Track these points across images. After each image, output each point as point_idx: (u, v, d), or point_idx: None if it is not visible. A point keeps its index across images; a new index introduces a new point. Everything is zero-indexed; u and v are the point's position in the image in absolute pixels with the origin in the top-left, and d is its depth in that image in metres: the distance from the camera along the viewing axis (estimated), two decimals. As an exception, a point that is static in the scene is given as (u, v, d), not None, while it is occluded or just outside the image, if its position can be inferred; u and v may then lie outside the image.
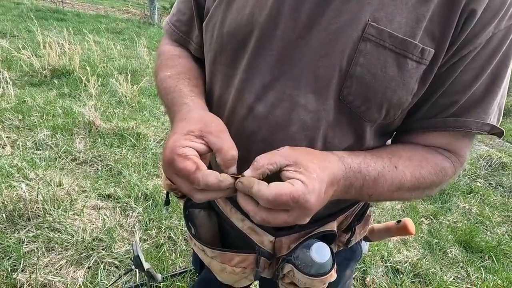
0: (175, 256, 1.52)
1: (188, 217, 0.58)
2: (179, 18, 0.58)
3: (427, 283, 1.69)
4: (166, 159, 0.38)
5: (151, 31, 7.57)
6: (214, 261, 0.53)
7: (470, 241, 2.12)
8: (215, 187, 0.37)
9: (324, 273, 0.47)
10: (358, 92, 0.41)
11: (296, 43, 0.42)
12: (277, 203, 0.34)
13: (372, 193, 0.44)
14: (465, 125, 0.43)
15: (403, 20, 0.39)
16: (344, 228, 0.56)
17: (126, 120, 2.69)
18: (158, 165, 2.21)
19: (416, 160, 0.45)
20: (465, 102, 0.43)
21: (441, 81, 0.42)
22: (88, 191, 1.77)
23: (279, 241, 0.52)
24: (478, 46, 0.40)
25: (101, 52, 4.62)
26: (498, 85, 0.43)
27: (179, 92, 0.48)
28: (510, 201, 2.94)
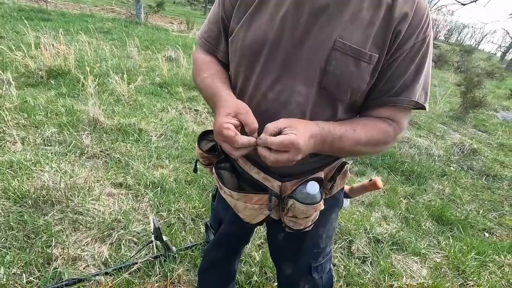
0: (185, 233, 1.72)
1: (219, 175, 0.80)
2: (210, 35, 0.80)
3: (403, 249, 1.96)
4: (217, 131, 0.61)
5: (138, 31, 7.61)
6: (239, 202, 0.75)
7: (442, 216, 2.42)
8: (245, 144, 0.60)
9: (316, 202, 0.70)
10: (332, 82, 0.64)
11: (293, 52, 0.65)
12: (282, 145, 0.57)
13: (339, 147, 0.66)
14: (399, 101, 0.68)
15: (358, 37, 0.63)
16: (329, 179, 0.79)
17: (127, 117, 2.84)
18: (161, 157, 2.39)
19: (368, 126, 0.69)
20: (399, 87, 0.67)
21: (383, 74, 0.67)
22: (102, 180, 1.94)
23: (284, 185, 0.75)
24: (405, 51, 0.64)
25: (93, 52, 4.71)
26: (419, 75, 0.67)
27: (216, 88, 0.71)
28: (479, 183, 3.28)
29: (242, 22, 0.69)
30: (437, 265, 1.85)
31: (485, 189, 3.19)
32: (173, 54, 5.38)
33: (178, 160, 2.41)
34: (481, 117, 5.77)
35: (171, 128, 2.88)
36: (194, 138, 2.81)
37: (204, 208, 1.89)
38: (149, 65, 4.78)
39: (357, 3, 0.62)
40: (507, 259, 2.01)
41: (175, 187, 2.03)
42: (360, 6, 0.62)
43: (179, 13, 14.70)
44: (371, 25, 0.62)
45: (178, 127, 2.93)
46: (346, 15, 0.62)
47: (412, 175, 3.06)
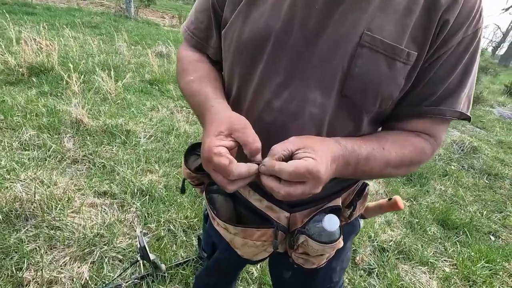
0: (176, 247, 1.58)
1: (210, 201, 0.65)
2: (198, 26, 0.64)
3: (410, 258, 1.84)
4: (205, 157, 0.46)
5: (128, 25, 7.35)
6: (236, 237, 0.60)
7: (447, 219, 2.31)
8: (244, 175, 0.44)
9: (334, 240, 0.55)
10: (357, 88, 0.50)
11: (305, 50, 0.50)
12: (296, 174, 0.42)
13: (365, 169, 0.52)
14: (441, 113, 0.53)
15: (392, 29, 0.47)
16: (347, 204, 0.65)
17: (114, 117, 2.66)
18: (150, 161, 2.23)
19: (400, 142, 0.54)
20: (441, 93, 0.52)
21: (422, 76, 0.52)
22: (83, 189, 1.77)
23: (294, 216, 0.60)
24: (451, 48, 0.49)
25: (79, 47, 4.48)
26: (467, 79, 0.52)
27: (205, 95, 0.55)
28: (480, 182, 3.19)
29: (238, 10, 0.54)
30: (447, 276, 1.74)
31: (487, 188, 3.11)
32: (164, 49, 5.17)
33: (169, 164, 2.24)
34: (478, 113, 5.72)
35: (162, 129, 2.71)
36: (186, 139, 2.65)
37: (196, 218, 1.74)
38: (139, 61, 4.57)
39: None
40: (517, 266, 1.92)
41: (165, 195, 1.88)
42: None
43: (171, 7, 14.35)
44: (409, 13, 0.47)
45: (169, 128, 2.76)
46: (374, 1, 0.47)
47: (414, 175, 2.95)
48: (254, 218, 0.61)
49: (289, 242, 0.60)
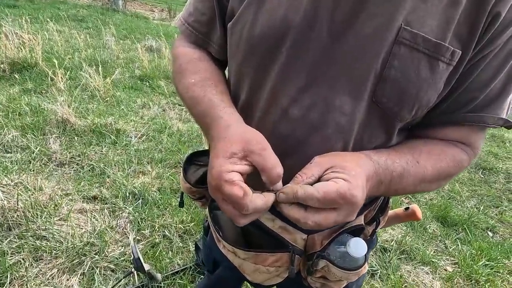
0: (172, 254, 1.50)
1: (214, 219, 0.57)
2: (198, 19, 0.54)
3: (412, 258, 1.81)
4: (214, 184, 0.39)
5: (116, 18, 7.12)
6: (246, 262, 0.52)
7: (446, 216, 2.29)
8: (260, 209, 0.38)
9: (359, 266, 0.48)
10: (392, 94, 0.42)
11: (331, 46, 0.42)
12: (326, 201, 0.35)
13: (398, 188, 0.45)
14: (482, 120, 0.46)
15: (434, 23, 0.40)
16: (368, 221, 0.58)
17: (102, 115, 2.54)
18: (142, 162, 2.13)
19: (435, 154, 0.47)
20: (483, 98, 0.45)
21: (463, 79, 0.44)
22: (71, 194, 1.67)
23: (312, 238, 0.53)
24: (498, 46, 0.42)
25: (64, 42, 4.29)
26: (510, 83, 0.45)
27: (210, 102, 0.47)
28: (476, 177, 3.20)
29: None
30: (450, 276, 1.72)
31: (482, 183, 3.12)
32: (154, 44, 5.01)
33: (162, 164, 2.15)
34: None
35: (154, 128, 2.61)
36: (180, 138, 2.55)
37: (193, 223, 1.66)
38: (128, 56, 4.41)
39: None
40: (517, 263, 1.91)
41: (159, 198, 1.79)
42: None
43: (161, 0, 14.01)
44: (454, 3, 0.39)
45: (162, 126, 2.65)
46: None
47: (411, 171, 2.94)
48: (265, 239, 0.54)
49: (307, 267, 0.53)
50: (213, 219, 0.57)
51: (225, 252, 0.56)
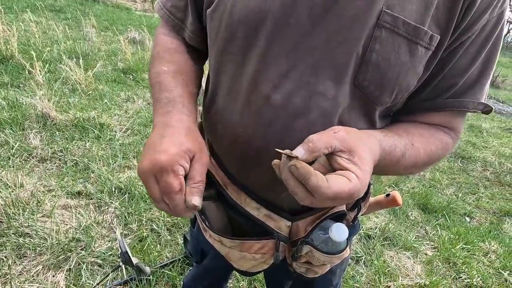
0: (160, 247, 1.50)
1: (200, 210, 0.58)
2: (175, 4, 0.54)
3: (394, 244, 1.88)
4: (159, 166, 0.40)
5: (96, 9, 6.86)
6: (232, 251, 0.54)
7: (427, 204, 2.39)
8: (178, 212, 0.41)
9: (341, 250, 0.50)
10: (373, 78, 0.43)
11: (312, 30, 0.42)
12: (335, 200, 0.35)
13: (392, 170, 0.47)
14: (463, 105, 0.48)
15: (413, 7, 0.41)
16: (350, 207, 0.60)
17: (85, 110, 2.47)
18: (128, 156, 2.10)
19: (426, 136, 0.49)
20: (463, 84, 0.47)
21: (442, 66, 0.46)
22: (54, 190, 1.63)
23: (296, 225, 0.54)
24: (475, 32, 0.43)
25: (42, 33, 4.11)
26: (491, 67, 0.47)
27: (175, 94, 0.48)
28: (455, 165, 3.33)
29: None
30: (429, 259, 1.80)
31: (461, 171, 3.25)
32: (137, 36, 4.87)
33: (148, 158, 2.12)
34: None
35: (139, 121, 2.56)
36: (166, 132, 2.52)
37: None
38: (110, 48, 4.28)
39: None
40: (491, 246, 2.02)
41: (146, 192, 1.77)
42: None
43: (143, -10, 13.53)
44: None
45: (147, 120, 2.61)
46: None
47: (394, 161, 3.03)
48: (251, 226, 0.55)
49: (292, 253, 0.54)
50: (200, 210, 0.58)
51: (211, 242, 0.57)
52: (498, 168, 3.38)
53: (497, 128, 4.71)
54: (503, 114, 5.55)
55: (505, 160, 3.52)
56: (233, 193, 0.56)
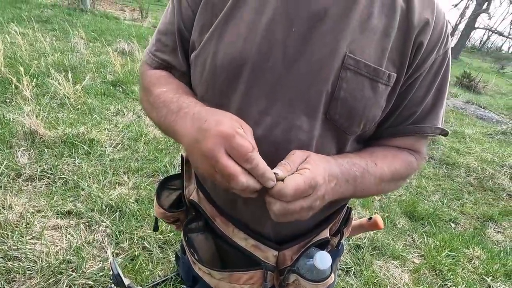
0: (152, 265, 1.50)
1: (189, 243, 0.60)
2: (161, 49, 0.58)
3: (383, 253, 1.94)
4: (225, 134, 0.39)
5: (84, 19, 6.81)
6: (222, 282, 0.56)
7: (413, 211, 2.46)
8: (263, 169, 0.40)
9: (326, 277, 0.54)
10: (342, 112, 0.49)
11: (286, 73, 0.47)
12: (300, 195, 0.41)
13: (363, 188, 0.52)
14: (422, 130, 0.55)
15: (372, 51, 0.47)
16: (333, 233, 0.64)
17: (74, 125, 2.46)
18: (118, 172, 2.09)
19: (389, 157, 0.56)
20: (421, 112, 0.55)
21: (402, 98, 0.53)
22: (44, 210, 1.62)
23: (282, 254, 0.58)
24: (426, 69, 0.51)
25: (29, 46, 4.06)
26: (443, 97, 0.55)
27: (183, 101, 0.49)
28: (440, 172, 3.44)
29: (211, 32, 0.50)
30: (416, 268, 1.85)
31: (446, 177, 3.36)
32: (126, 46, 4.87)
33: (139, 174, 2.13)
34: (435, 105, 6.13)
35: (129, 136, 2.56)
36: (157, 145, 2.53)
37: (173, 233, 1.67)
38: (99, 60, 4.27)
39: (365, 7, 0.47)
40: (475, 252, 2.10)
41: (137, 209, 1.78)
42: (369, 11, 0.47)
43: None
44: (385, 35, 0.47)
45: (137, 134, 2.61)
46: (354, 22, 0.46)
47: (382, 169, 3.10)
48: (239, 257, 0.58)
49: (279, 282, 0.58)
50: (188, 242, 0.61)
51: (201, 274, 0.59)
52: (480, 173, 3.49)
53: (479, 134, 4.87)
54: (484, 120, 5.75)
55: (487, 165, 3.65)
56: (221, 224, 0.59)
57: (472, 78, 8.51)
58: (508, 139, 4.82)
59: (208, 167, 0.40)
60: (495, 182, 3.36)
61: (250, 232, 0.57)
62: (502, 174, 3.50)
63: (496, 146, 4.34)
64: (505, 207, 2.95)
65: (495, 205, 2.96)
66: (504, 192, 3.20)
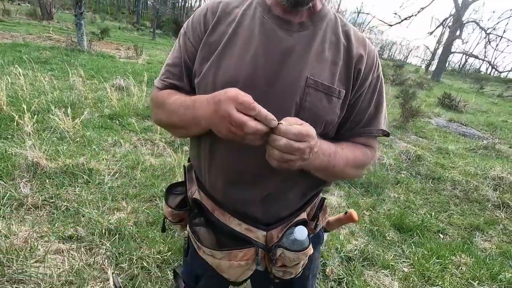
0: (151, 284, 1.56)
1: (194, 233, 0.73)
2: (169, 76, 0.74)
3: (373, 264, 2.01)
4: (231, 96, 0.54)
5: (81, 59, 7.16)
6: (222, 261, 0.68)
7: (402, 224, 2.56)
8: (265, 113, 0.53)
9: (305, 247, 0.67)
10: (307, 118, 0.64)
11: (268, 90, 0.64)
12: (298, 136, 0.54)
13: (334, 164, 0.66)
14: (370, 131, 0.73)
15: (326, 74, 0.65)
16: (311, 218, 0.77)
17: (74, 156, 2.58)
18: (117, 198, 2.19)
19: (351, 146, 0.72)
20: (367, 118, 0.72)
21: (352, 108, 0.70)
22: (46, 235, 1.69)
23: (270, 234, 0.71)
24: (366, 87, 0.70)
25: (29, 85, 4.27)
26: (381, 107, 0.74)
27: (194, 96, 0.64)
28: (427, 186, 3.58)
29: (210, 63, 0.67)
30: (406, 276, 1.93)
31: (433, 191, 3.49)
32: (122, 82, 5.13)
33: (137, 199, 2.22)
34: (419, 125, 6.42)
35: (126, 164, 2.68)
36: (153, 172, 2.64)
37: (170, 252, 1.75)
38: (96, 96, 4.48)
39: (319, 45, 0.66)
40: (462, 258, 2.18)
41: (136, 232, 1.86)
42: (322, 47, 0.66)
43: (126, 38, 14.22)
44: (334, 64, 0.66)
45: (134, 162, 2.73)
46: (312, 55, 0.65)
47: (370, 186, 3.23)
48: (234, 242, 0.71)
49: (268, 257, 0.70)
50: (194, 234, 0.73)
51: (205, 257, 0.71)
52: (465, 186, 3.64)
53: (462, 149, 5.10)
54: (466, 136, 6.02)
55: (471, 178, 3.81)
56: (220, 215, 0.72)
57: (452, 98, 8.99)
58: (489, 153, 5.05)
59: (226, 125, 0.54)
60: (480, 193, 3.50)
61: (243, 218, 0.70)
62: (485, 185, 3.66)
63: (479, 160, 4.53)
64: (490, 216, 3.07)
65: (481, 215, 3.08)
66: (489, 202, 3.34)
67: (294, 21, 0.66)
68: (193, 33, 0.70)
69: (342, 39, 0.67)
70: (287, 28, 0.65)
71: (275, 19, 0.66)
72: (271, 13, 0.66)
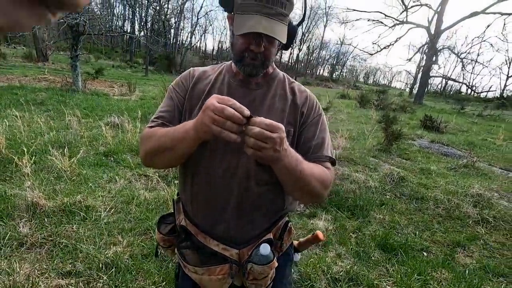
0: (147, 314, 1.64)
1: (181, 255, 0.89)
2: (162, 116, 0.90)
3: (359, 284, 2.12)
4: (213, 96, 0.68)
5: (76, 98, 7.42)
6: (204, 276, 0.84)
7: (386, 244, 2.69)
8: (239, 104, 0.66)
9: (270, 261, 0.83)
10: None
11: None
12: (270, 127, 0.65)
13: (301, 169, 0.75)
14: (318, 157, 0.87)
15: (277, 119, 0.82)
16: (277, 238, 0.94)
17: (71, 195, 2.70)
18: (113, 233, 2.29)
19: (314, 164, 0.83)
20: (314, 147, 0.89)
21: (300, 139, 0.89)
22: (46, 272, 1.78)
23: (242, 252, 0.87)
24: (309, 122, 0.89)
25: (26, 126, 4.45)
26: (325, 138, 0.91)
27: (183, 122, 0.79)
28: (411, 206, 3.74)
29: (194, 114, 0.86)
30: (389, 293, 2.04)
31: (417, 211, 3.65)
32: (116, 119, 5.34)
33: (132, 233, 2.33)
34: (403, 147, 6.70)
35: (121, 200, 2.80)
36: (147, 207, 2.76)
37: (164, 282, 1.84)
38: (92, 134, 4.66)
39: (271, 98, 0.88)
40: (443, 274, 2.31)
41: (131, 264, 1.95)
42: (273, 100, 0.88)
43: (120, 76, 14.73)
44: (283, 111, 0.87)
45: (129, 197, 2.86)
46: (265, 107, 0.86)
47: (356, 209, 3.38)
48: (213, 260, 0.87)
49: (241, 272, 0.86)
50: (181, 255, 0.89)
51: (190, 274, 0.86)
52: (447, 204, 3.82)
53: (443, 169, 5.34)
54: (448, 156, 6.32)
55: (452, 196, 4.01)
56: (202, 238, 0.89)
57: (434, 120, 9.44)
58: (470, 171, 5.30)
59: (210, 115, 0.65)
60: (461, 210, 3.67)
61: (220, 240, 0.87)
62: (466, 203, 3.85)
63: (459, 178, 4.76)
64: (471, 232, 3.23)
65: (463, 232, 3.23)
66: (470, 219, 3.51)
67: (252, 82, 0.88)
68: (179, 88, 0.92)
69: (288, 92, 0.90)
70: (247, 87, 0.88)
71: (239, 81, 0.89)
72: (235, 78, 0.89)
